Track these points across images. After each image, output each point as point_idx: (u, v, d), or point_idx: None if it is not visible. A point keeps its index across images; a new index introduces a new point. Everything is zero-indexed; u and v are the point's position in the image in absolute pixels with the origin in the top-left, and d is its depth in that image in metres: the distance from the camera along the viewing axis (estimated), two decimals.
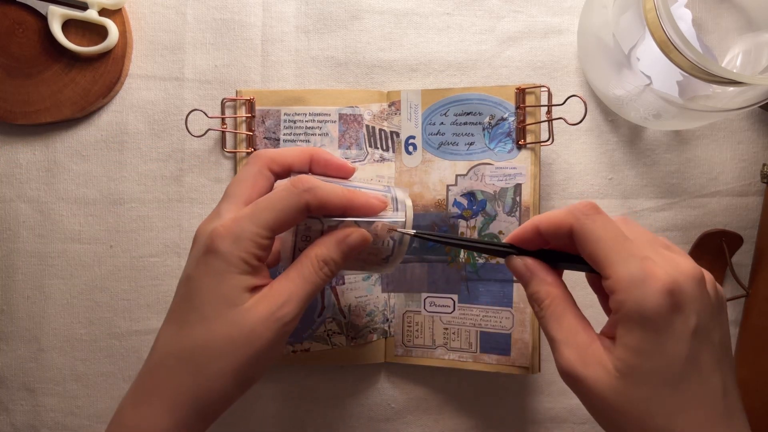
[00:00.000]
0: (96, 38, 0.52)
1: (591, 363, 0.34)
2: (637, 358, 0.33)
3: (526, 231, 0.38)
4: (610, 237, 0.34)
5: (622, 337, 0.33)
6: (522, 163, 0.51)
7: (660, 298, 0.32)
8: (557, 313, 0.36)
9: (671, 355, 0.32)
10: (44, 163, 0.53)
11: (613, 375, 0.33)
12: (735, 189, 0.53)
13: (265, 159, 0.41)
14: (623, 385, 0.33)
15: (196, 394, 0.36)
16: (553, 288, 0.37)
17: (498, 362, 0.50)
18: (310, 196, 0.38)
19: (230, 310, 0.37)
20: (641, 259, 0.33)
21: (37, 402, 0.53)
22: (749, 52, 0.51)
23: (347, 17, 0.54)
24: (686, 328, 0.33)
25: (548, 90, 0.50)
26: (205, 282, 0.37)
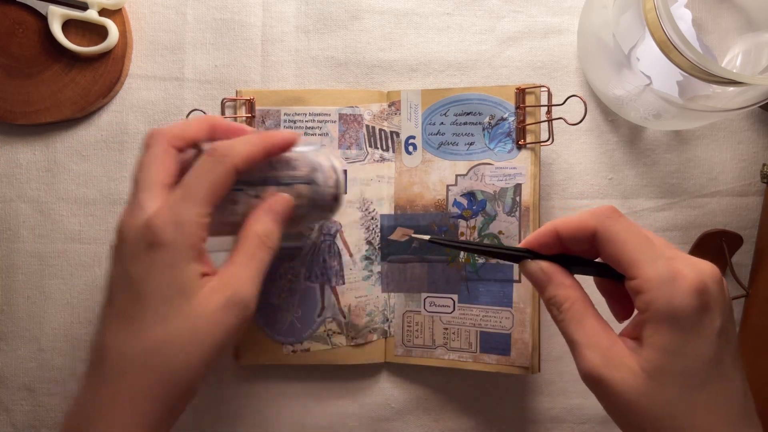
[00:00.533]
0: (96, 38, 0.52)
1: (615, 365, 0.33)
2: (665, 358, 0.32)
3: (544, 235, 0.37)
4: (636, 239, 0.34)
5: (650, 337, 0.33)
6: (522, 163, 0.51)
7: (690, 298, 0.32)
8: (578, 316, 0.36)
9: (699, 356, 0.33)
10: (44, 163, 0.53)
11: (639, 376, 0.33)
12: (735, 189, 0.53)
13: (168, 137, 0.39)
14: (650, 386, 0.33)
15: (164, 392, 0.35)
16: (572, 291, 0.36)
17: (498, 362, 0.50)
18: (236, 159, 0.37)
19: (187, 302, 0.36)
20: (668, 260, 0.33)
21: (37, 402, 0.53)
22: (749, 52, 0.51)
23: (347, 17, 0.54)
24: (713, 328, 0.33)
25: (548, 90, 0.50)
26: (154, 277, 0.35)
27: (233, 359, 0.52)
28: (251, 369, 0.53)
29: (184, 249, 0.36)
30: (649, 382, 0.33)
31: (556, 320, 0.37)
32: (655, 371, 0.33)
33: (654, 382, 0.33)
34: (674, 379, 0.33)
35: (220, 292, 0.36)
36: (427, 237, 0.40)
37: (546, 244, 0.38)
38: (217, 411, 0.53)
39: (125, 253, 0.36)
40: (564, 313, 0.36)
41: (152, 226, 0.35)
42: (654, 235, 0.36)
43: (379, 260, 0.52)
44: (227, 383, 0.53)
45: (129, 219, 0.37)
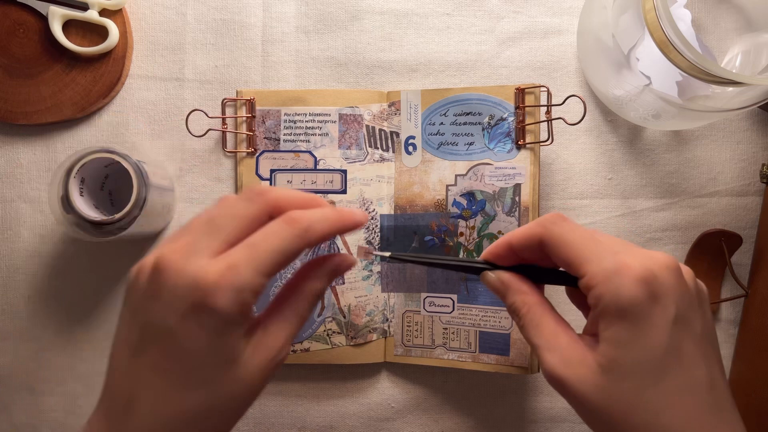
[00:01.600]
0: (96, 38, 0.52)
1: (573, 363, 0.33)
2: (617, 350, 0.32)
3: (499, 247, 0.38)
4: (580, 238, 0.34)
5: (604, 332, 0.33)
6: (521, 163, 0.51)
7: (636, 288, 0.32)
8: (535, 319, 0.36)
9: (651, 346, 0.32)
10: (45, 163, 0.53)
11: (596, 372, 0.33)
12: (734, 189, 0.53)
13: (270, 202, 0.34)
14: (606, 380, 0.32)
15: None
16: (529, 296, 0.36)
17: (497, 362, 0.50)
18: (313, 236, 0.33)
19: (231, 367, 0.33)
20: (613, 254, 0.33)
21: (37, 402, 0.53)
22: (748, 53, 0.52)
23: (347, 18, 0.54)
24: (665, 318, 0.32)
25: (548, 90, 0.50)
26: (200, 339, 0.31)
27: None
28: None
29: (237, 318, 0.32)
30: (605, 377, 0.32)
31: (519, 327, 0.37)
32: (610, 366, 0.32)
33: (609, 376, 0.32)
34: (628, 372, 0.32)
35: (264, 354, 0.34)
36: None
37: (501, 255, 0.38)
38: None
39: (166, 301, 0.32)
40: (523, 318, 0.36)
41: (207, 287, 0.31)
42: (602, 233, 0.36)
43: (379, 260, 0.52)
44: None
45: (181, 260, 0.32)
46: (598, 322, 0.33)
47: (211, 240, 0.32)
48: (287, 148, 0.52)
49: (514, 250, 0.37)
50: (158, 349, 0.32)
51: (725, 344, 0.54)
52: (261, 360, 0.33)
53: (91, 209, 0.47)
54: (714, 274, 0.53)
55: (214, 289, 0.31)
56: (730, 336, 0.54)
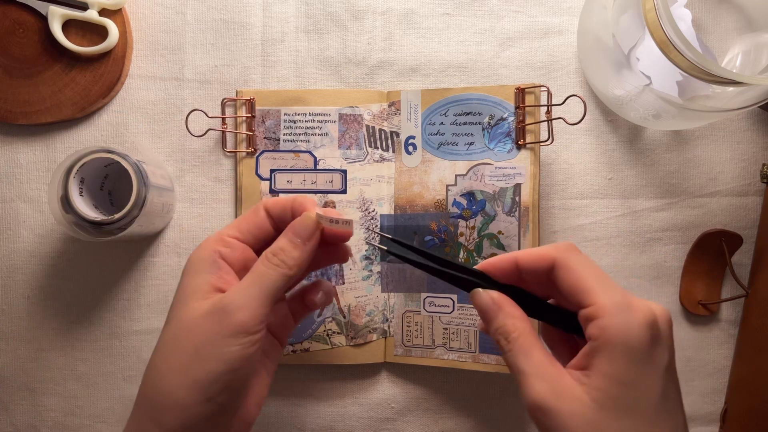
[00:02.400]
0: (96, 38, 0.52)
1: (564, 395, 0.33)
2: (618, 388, 0.32)
3: (504, 261, 0.38)
4: (592, 270, 0.35)
5: (602, 365, 0.32)
6: (521, 163, 0.51)
7: (644, 328, 0.32)
8: (526, 346, 0.35)
9: (651, 389, 0.32)
10: (45, 163, 0.53)
11: (589, 407, 0.32)
12: (734, 189, 0.53)
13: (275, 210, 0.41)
14: (601, 417, 0.32)
15: (151, 399, 0.36)
16: (521, 322, 0.36)
17: (497, 362, 0.50)
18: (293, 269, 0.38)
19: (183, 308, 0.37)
20: (622, 292, 0.34)
21: (37, 402, 0.53)
22: (749, 53, 0.52)
23: (347, 17, 0.54)
24: (662, 363, 0.33)
25: (548, 90, 0.50)
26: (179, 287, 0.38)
27: None
28: None
29: (196, 261, 0.38)
30: (600, 414, 0.32)
31: (504, 350, 0.36)
32: (606, 402, 0.32)
33: (604, 413, 0.32)
34: (626, 411, 0.32)
35: (210, 301, 0.36)
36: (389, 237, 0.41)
37: (503, 269, 0.38)
38: None
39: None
40: (512, 343, 0.35)
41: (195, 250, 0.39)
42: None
43: (379, 260, 0.52)
44: None
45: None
46: (595, 355, 0.33)
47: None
48: (287, 148, 0.52)
49: (520, 268, 0.37)
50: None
51: (725, 344, 0.54)
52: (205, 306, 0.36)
53: (91, 209, 0.47)
54: (714, 274, 0.53)
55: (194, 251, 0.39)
56: (730, 336, 0.54)
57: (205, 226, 0.53)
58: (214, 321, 0.36)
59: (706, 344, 0.54)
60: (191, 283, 0.38)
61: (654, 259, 0.53)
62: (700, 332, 0.54)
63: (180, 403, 0.35)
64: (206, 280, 0.37)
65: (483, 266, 0.38)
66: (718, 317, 0.54)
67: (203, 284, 0.37)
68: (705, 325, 0.54)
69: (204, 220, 0.53)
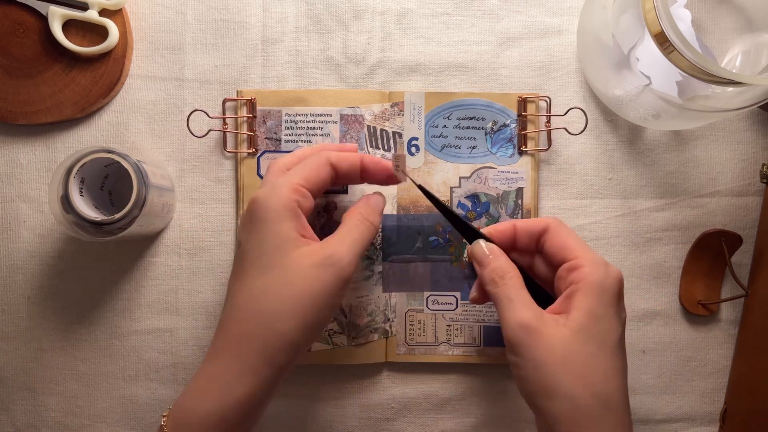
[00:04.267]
0: (96, 38, 0.52)
1: (547, 321, 0.40)
2: (590, 320, 0.40)
3: (504, 225, 0.46)
4: (577, 237, 0.44)
5: (580, 302, 0.40)
6: (523, 167, 0.52)
7: (616, 282, 0.41)
8: (517, 284, 0.42)
9: (613, 329, 0.40)
10: (45, 163, 0.53)
11: (566, 332, 0.39)
12: (734, 189, 0.54)
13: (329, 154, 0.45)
14: (575, 340, 0.39)
15: (262, 339, 0.39)
16: (514, 268, 0.43)
17: (502, 354, 0.51)
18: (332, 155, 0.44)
19: (284, 256, 0.40)
20: (600, 255, 0.43)
21: (37, 401, 0.53)
22: (748, 53, 0.52)
23: (347, 18, 0.54)
24: (622, 317, 0.42)
25: (547, 100, 0.51)
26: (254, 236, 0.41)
27: None
28: None
29: (278, 208, 0.41)
30: (574, 337, 0.39)
31: (497, 285, 0.42)
32: (581, 330, 0.40)
33: (579, 338, 0.39)
34: (595, 340, 0.40)
35: (317, 253, 0.40)
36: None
37: (503, 231, 0.45)
38: None
39: (240, 225, 0.43)
40: (506, 279, 0.42)
41: (254, 196, 0.41)
42: None
43: (381, 260, 0.52)
44: None
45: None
46: (574, 296, 0.41)
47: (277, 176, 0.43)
48: (288, 149, 0.52)
49: (517, 230, 0.45)
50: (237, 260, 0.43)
51: (725, 344, 0.54)
52: (314, 258, 0.40)
53: (91, 209, 0.47)
54: (714, 274, 0.53)
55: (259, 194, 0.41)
56: (730, 336, 0.54)
57: (205, 226, 0.53)
58: (329, 273, 0.40)
59: (706, 344, 0.54)
60: (281, 230, 0.41)
61: (654, 259, 0.53)
62: (700, 332, 0.54)
63: (295, 344, 0.40)
64: (293, 227, 0.41)
65: (487, 230, 0.46)
66: (717, 317, 0.54)
67: (292, 232, 0.41)
68: (705, 325, 0.54)
69: (204, 221, 0.53)
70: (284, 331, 0.39)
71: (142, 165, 0.47)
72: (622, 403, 0.40)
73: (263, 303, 0.40)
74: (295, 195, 0.41)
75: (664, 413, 0.53)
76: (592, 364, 0.39)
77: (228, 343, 0.40)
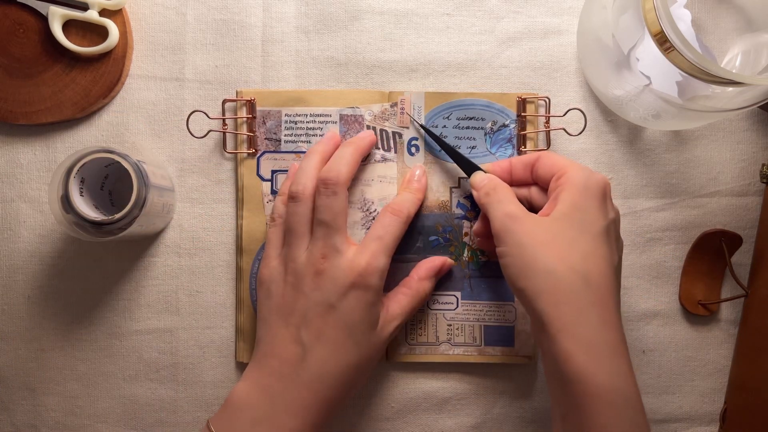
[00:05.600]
0: (96, 38, 0.52)
1: (530, 215, 0.43)
2: (572, 209, 0.42)
3: (501, 161, 0.50)
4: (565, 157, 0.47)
5: (563, 197, 0.43)
6: None
7: (600, 183, 0.44)
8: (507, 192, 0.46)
9: (597, 220, 0.43)
10: (45, 163, 0.53)
11: (549, 219, 0.42)
12: (734, 189, 0.54)
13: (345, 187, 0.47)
14: (555, 224, 0.42)
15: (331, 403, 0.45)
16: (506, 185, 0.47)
17: (503, 353, 0.51)
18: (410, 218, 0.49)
19: (374, 333, 0.46)
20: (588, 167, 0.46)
21: (37, 401, 0.53)
22: (748, 53, 0.52)
23: (347, 18, 0.54)
24: (607, 213, 0.43)
25: (546, 101, 0.52)
26: (358, 313, 0.45)
27: (234, 358, 0.53)
28: None
29: (380, 292, 0.46)
30: (556, 222, 0.42)
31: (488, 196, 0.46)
32: (563, 217, 0.42)
33: (561, 223, 0.42)
34: (577, 225, 0.42)
35: (391, 323, 0.47)
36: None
37: (500, 165, 0.49)
38: (217, 409, 0.53)
39: (326, 287, 0.44)
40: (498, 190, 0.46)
41: (364, 274, 0.44)
42: None
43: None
44: (228, 382, 0.53)
45: (330, 259, 0.45)
46: (560, 195, 0.43)
47: (340, 237, 0.45)
48: (288, 149, 0.52)
49: (512, 164, 0.48)
50: (323, 322, 0.44)
51: (725, 344, 0.54)
52: (389, 329, 0.47)
53: (91, 209, 0.47)
54: (714, 274, 0.53)
55: (366, 271, 0.45)
56: (730, 336, 0.54)
57: (205, 226, 0.53)
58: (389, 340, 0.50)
59: (706, 344, 0.54)
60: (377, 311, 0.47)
61: (654, 259, 0.53)
62: (700, 332, 0.54)
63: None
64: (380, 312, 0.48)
65: (485, 166, 0.49)
66: (717, 317, 0.54)
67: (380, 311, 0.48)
68: (705, 325, 0.54)
69: (204, 221, 0.53)
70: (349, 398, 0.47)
71: (143, 165, 0.47)
72: (604, 284, 0.41)
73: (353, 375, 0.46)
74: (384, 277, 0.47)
75: (664, 413, 0.53)
76: (572, 246, 0.41)
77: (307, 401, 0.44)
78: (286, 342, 0.45)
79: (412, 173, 0.51)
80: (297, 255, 0.46)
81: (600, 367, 0.39)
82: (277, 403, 0.44)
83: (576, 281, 0.40)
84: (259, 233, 0.52)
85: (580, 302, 0.40)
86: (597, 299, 0.40)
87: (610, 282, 0.42)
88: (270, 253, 0.48)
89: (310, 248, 0.46)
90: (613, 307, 0.41)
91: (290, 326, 0.45)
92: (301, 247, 0.46)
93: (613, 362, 0.39)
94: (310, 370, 0.44)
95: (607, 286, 0.41)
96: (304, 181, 0.47)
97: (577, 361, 0.39)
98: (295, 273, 0.46)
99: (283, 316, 0.46)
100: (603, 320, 0.40)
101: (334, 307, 0.44)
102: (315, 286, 0.45)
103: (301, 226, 0.46)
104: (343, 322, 0.44)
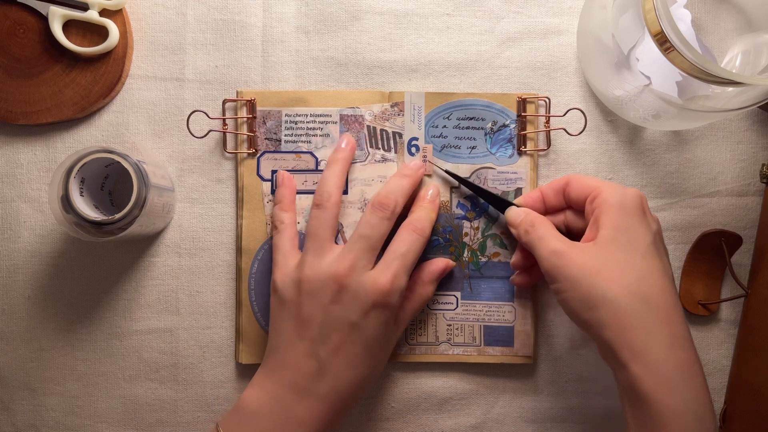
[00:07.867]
0: (97, 39, 0.52)
1: (576, 245, 0.43)
2: (615, 232, 0.42)
3: (533, 192, 0.50)
4: (595, 178, 0.47)
5: (604, 221, 0.43)
6: (522, 168, 0.52)
7: (636, 198, 0.44)
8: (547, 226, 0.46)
9: (642, 237, 0.43)
10: (45, 164, 0.53)
11: (594, 246, 0.42)
12: (734, 189, 0.54)
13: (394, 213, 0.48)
14: (604, 251, 0.42)
15: (343, 414, 0.46)
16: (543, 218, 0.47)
17: (502, 353, 0.51)
18: (428, 234, 0.48)
19: (388, 347, 0.48)
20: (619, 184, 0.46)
21: (37, 401, 0.53)
22: (748, 53, 0.52)
23: (347, 18, 0.54)
24: (650, 226, 0.44)
25: (546, 101, 0.52)
26: (378, 329, 0.45)
27: (234, 358, 0.53)
28: (252, 368, 0.52)
29: (396, 310, 0.46)
30: (603, 248, 0.42)
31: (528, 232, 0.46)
32: (608, 241, 0.42)
33: (607, 247, 0.42)
34: (624, 247, 0.42)
35: (397, 335, 0.49)
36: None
37: (532, 197, 0.49)
38: (217, 409, 0.53)
39: (347, 304, 0.44)
40: (537, 225, 0.46)
41: (387, 294, 0.45)
42: None
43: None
44: (227, 382, 0.53)
45: (354, 275, 0.45)
46: (599, 218, 0.43)
47: (369, 256, 0.46)
48: (288, 149, 0.52)
49: (543, 193, 0.49)
50: (342, 337, 0.44)
51: (725, 344, 0.54)
52: (396, 340, 0.50)
53: (91, 209, 0.47)
54: (714, 274, 0.53)
55: (390, 292, 0.45)
56: (730, 336, 0.54)
57: (205, 226, 0.53)
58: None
59: (706, 344, 0.54)
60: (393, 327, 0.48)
61: None
62: (700, 332, 0.54)
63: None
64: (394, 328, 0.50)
65: (517, 200, 0.50)
66: (717, 317, 0.54)
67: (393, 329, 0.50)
68: (705, 325, 0.54)
69: (204, 221, 0.53)
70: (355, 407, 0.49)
71: (143, 165, 0.47)
72: (665, 301, 0.41)
73: (365, 386, 0.47)
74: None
75: None
76: (624, 269, 0.41)
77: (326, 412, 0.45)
78: (301, 355, 0.45)
79: (425, 192, 0.51)
80: (316, 263, 0.45)
81: (672, 389, 0.39)
82: (290, 415, 0.44)
83: (636, 304, 0.40)
84: (259, 233, 0.52)
85: (646, 325, 0.40)
86: (662, 318, 0.40)
87: (671, 296, 0.42)
88: (280, 261, 0.48)
89: (337, 258, 0.45)
90: (680, 322, 0.41)
91: (305, 339, 0.45)
92: (321, 255, 0.46)
93: (685, 383, 0.39)
94: (326, 385, 0.44)
95: (669, 301, 0.41)
96: (329, 189, 0.47)
97: (649, 386, 0.39)
98: (313, 282, 0.45)
99: (298, 328, 0.45)
100: (672, 339, 0.40)
101: (357, 325, 0.44)
102: (335, 299, 0.45)
103: (324, 234, 0.46)
104: (363, 340, 0.45)
